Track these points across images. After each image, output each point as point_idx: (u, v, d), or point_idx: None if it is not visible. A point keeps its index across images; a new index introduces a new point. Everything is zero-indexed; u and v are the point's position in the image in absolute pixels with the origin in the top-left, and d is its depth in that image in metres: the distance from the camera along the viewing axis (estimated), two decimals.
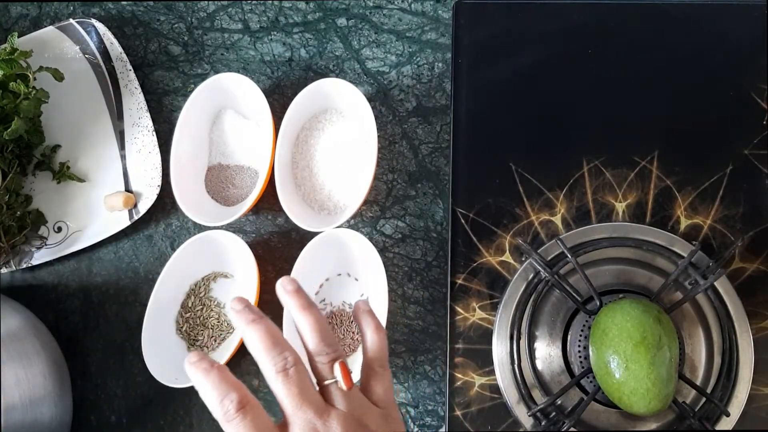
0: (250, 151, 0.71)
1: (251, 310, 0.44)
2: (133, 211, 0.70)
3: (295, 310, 0.45)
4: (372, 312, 0.48)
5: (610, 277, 0.64)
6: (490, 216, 0.66)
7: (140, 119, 0.72)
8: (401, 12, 0.72)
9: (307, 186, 0.69)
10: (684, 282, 0.63)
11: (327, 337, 0.44)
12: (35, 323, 0.67)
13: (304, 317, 0.44)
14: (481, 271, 0.66)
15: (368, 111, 0.65)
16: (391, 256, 0.69)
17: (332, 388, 0.44)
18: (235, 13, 0.74)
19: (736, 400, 0.61)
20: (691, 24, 0.68)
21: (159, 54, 0.74)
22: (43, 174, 0.74)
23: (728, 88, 0.67)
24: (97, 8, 0.76)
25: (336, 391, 0.44)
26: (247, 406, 0.41)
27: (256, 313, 0.44)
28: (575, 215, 0.66)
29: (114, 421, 0.70)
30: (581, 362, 0.62)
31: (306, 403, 0.42)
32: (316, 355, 0.44)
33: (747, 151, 0.66)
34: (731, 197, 0.65)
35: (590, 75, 0.68)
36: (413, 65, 0.71)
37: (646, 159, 0.66)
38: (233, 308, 0.44)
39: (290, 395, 0.42)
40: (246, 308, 0.44)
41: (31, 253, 0.71)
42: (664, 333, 0.56)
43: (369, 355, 0.47)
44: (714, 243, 0.65)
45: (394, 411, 0.46)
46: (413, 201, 0.69)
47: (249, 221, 0.71)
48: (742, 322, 0.61)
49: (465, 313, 0.65)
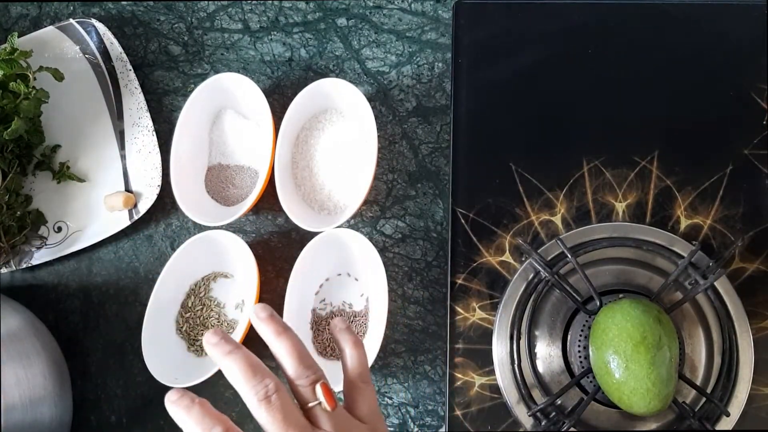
0: (250, 151, 0.71)
1: (227, 341, 0.44)
2: (133, 211, 0.70)
3: (270, 337, 0.45)
4: (350, 329, 0.48)
5: (610, 277, 0.64)
6: (490, 216, 0.66)
7: (140, 119, 0.72)
8: (401, 12, 0.72)
9: (307, 186, 0.69)
10: (684, 282, 0.63)
11: (305, 359, 0.44)
12: (35, 323, 0.67)
13: (279, 343, 0.44)
14: (481, 271, 0.66)
15: (368, 111, 0.65)
16: (391, 256, 0.69)
17: (316, 410, 0.43)
18: (235, 13, 0.74)
19: (736, 400, 0.61)
20: (691, 24, 0.68)
21: (159, 54, 0.74)
22: (43, 174, 0.74)
23: (728, 88, 0.67)
24: (97, 8, 0.76)
25: (321, 413, 0.43)
26: None
27: (232, 344, 0.44)
28: (575, 215, 0.66)
29: (114, 421, 0.70)
30: (581, 362, 0.62)
31: (292, 428, 0.41)
32: (297, 379, 0.44)
33: (747, 151, 0.66)
34: (731, 197, 0.65)
35: (590, 75, 0.68)
36: (413, 65, 0.71)
37: (646, 159, 0.66)
38: (208, 342, 0.44)
39: (275, 422, 0.41)
40: (221, 340, 0.44)
41: (31, 253, 0.71)
42: (664, 333, 0.56)
43: (350, 371, 0.47)
44: (714, 243, 0.65)
45: (381, 425, 0.46)
46: (413, 201, 0.69)
47: (249, 221, 0.71)
48: (742, 322, 0.61)
49: (465, 313, 0.65)
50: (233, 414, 0.68)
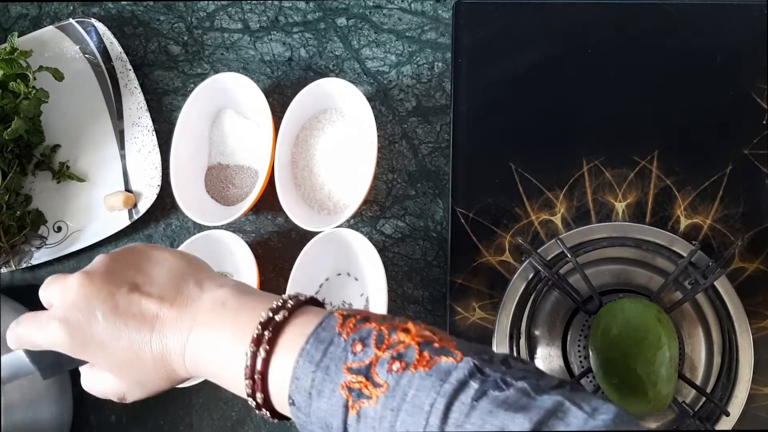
0: (250, 151, 0.71)
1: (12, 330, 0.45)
2: (133, 211, 0.70)
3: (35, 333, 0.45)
4: None
5: (610, 277, 0.64)
6: (490, 216, 0.66)
7: (140, 119, 0.72)
8: (401, 12, 0.72)
9: (307, 186, 0.69)
10: (684, 282, 0.63)
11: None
12: None
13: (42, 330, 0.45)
14: (481, 271, 0.66)
15: (368, 111, 0.65)
16: (391, 255, 0.69)
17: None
18: (235, 12, 0.74)
19: (735, 400, 0.61)
20: (691, 24, 0.68)
21: (159, 54, 0.74)
22: (43, 174, 0.74)
23: (728, 88, 0.67)
24: (96, 8, 0.76)
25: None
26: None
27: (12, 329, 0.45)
28: (575, 215, 0.66)
29: (114, 421, 0.70)
30: (581, 362, 0.62)
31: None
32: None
33: (747, 150, 0.66)
34: (731, 197, 0.65)
35: (590, 75, 0.68)
36: (413, 65, 0.71)
37: (646, 159, 0.66)
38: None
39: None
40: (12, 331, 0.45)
41: (31, 252, 0.71)
42: (664, 333, 0.56)
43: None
44: (714, 243, 0.65)
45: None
46: (413, 201, 0.69)
47: (249, 221, 0.71)
48: (742, 322, 0.61)
49: (465, 312, 0.65)
50: (233, 414, 0.68)
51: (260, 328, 0.39)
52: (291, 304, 0.41)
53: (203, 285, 0.43)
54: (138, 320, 0.42)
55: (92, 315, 0.42)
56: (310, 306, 0.42)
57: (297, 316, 0.40)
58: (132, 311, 0.42)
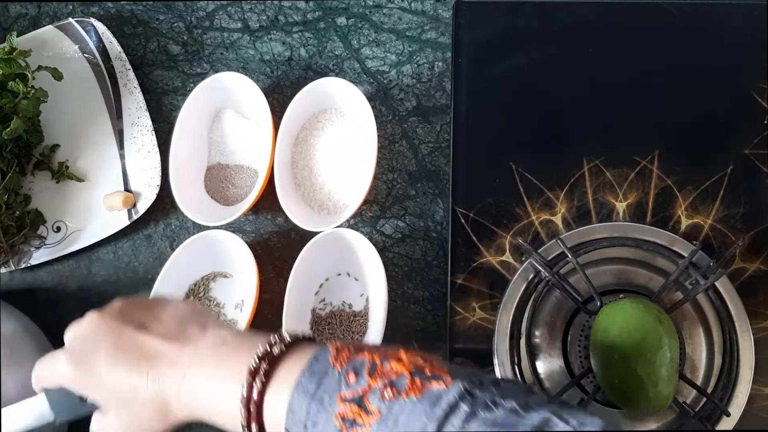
0: (249, 151, 0.71)
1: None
2: (133, 211, 0.70)
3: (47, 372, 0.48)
4: None
5: (610, 277, 0.64)
6: (490, 216, 0.66)
7: (139, 119, 0.72)
8: (401, 11, 0.72)
9: (307, 186, 0.69)
10: (684, 282, 0.63)
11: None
12: (29, 326, 0.67)
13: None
14: (481, 271, 0.66)
15: (368, 110, 0.64)
16: (391, 255, 0.68)
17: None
18: (235, 12, 0.74)
19: (736, 400, 0.61)
20: (691, 24, 0.68)
21: (158, 53, 0.74)
22: (42, 173, 0.73)
23: (728, 88, 0.67)
24: (96, 7, 0.76)
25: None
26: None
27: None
28: (575, 215, 0.66)
29: None
30: (581, 362, 0.62)
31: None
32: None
33: (747, 150, 0.66)
34: (732, 197, 0.65)
35: (590, 74, 0.68)
36: (413, 64, 0.71)
37: (646, 158, 0.66)
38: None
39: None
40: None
41: (30, 252, 0.71)
42: (665, 333, 0.56)
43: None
44: (714, 243, 0.65)
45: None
46: (413, 201, 0.69)
47: (248, 221, 0.71)
48: (743, 322, 0.61)
49: (465, 313, 0.65)
50: None
51: (257, 361, 0.40)
52: (288, 338, 0.42)
53: (207, 327, 0.45)
54: (138, 356, 0.44)
55: (97, 349, 0.44)
56: (307, 342, 0.43)
57: (293, 350, 0.42)
58: (134, 347, 0.44)
